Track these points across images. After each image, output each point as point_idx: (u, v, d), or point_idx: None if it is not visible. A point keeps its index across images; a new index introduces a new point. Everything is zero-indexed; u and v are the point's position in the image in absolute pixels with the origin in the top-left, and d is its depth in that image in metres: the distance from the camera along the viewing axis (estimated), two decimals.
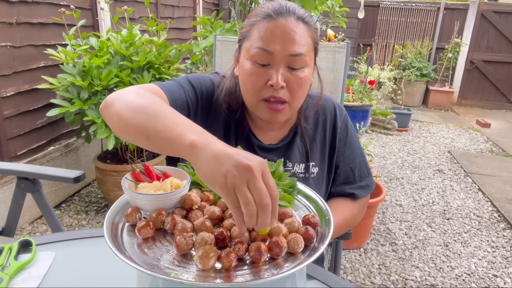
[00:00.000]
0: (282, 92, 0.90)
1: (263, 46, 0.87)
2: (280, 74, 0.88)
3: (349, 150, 1.10)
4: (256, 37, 0.89)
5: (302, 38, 0.88)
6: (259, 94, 0.91)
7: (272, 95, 0.90)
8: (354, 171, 1.10)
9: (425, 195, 3.31)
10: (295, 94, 0.92)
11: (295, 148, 1.05)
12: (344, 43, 1.50)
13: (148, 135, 0.66)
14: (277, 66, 0.88)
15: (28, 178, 1.30)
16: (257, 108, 0.94)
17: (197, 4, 5.43)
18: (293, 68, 0.89)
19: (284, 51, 0.87)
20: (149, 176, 0.78)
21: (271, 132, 1.06)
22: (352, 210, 1.08)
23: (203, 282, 0.55)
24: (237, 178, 0.52)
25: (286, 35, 0.87)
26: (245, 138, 1.04)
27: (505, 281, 2.22)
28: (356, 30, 7.14)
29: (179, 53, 2.71)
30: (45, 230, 2.49)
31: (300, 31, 0.88)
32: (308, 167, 1.05)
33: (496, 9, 6.68)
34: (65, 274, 0.81)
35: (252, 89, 0.91)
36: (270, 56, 0.87)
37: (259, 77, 0.89)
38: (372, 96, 4.17)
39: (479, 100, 7.15)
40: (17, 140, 2.47)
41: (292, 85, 0.90)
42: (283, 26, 0.87)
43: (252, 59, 0.90)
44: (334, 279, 0.82)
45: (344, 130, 1.10)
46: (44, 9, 2.58)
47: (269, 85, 0.88)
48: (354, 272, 2.25)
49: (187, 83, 0.98)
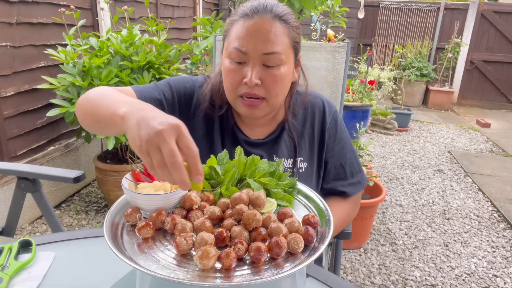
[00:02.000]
0: (258, 89, 0.93)
1: (238, 46, 0.91)
2: (254, 72, 0.91)
3: (339, 146, 1.10)
4: (233, 37, 0.92)
5: (277, 37, 0.90)
6: (236, 91, 0.95)
7: (247, 92, 0.93)
8: (344, 167, 1.11)
9: (425, 195, 3.31)
10: (271, 91, 0.94)
11: (282, 143, 1.07)
12: (344, 43, 1.50)
13: (98, 119, 0.76)
14: (252, 65, 0.91)
15: (28, 178, 1.30)
16: (236, 104, 0.98)
17: (197, 4, 5.43)
18: (268, 66, 0.92)
19: (257, 50, 0.90)
20: (149, 176, 0.78)
21: (258, 127, 1.08)
22: (346, 209, 1.09)
23: (203, 282, 0.55)
24: (149, 142, 0.57)
25: (260, 34, 0.89)
26: (231, 133, 1.06)
27: (505, 281, 2.22)
28: (356, 30, 7.14)
29: (179, 53, 2.71)
30: (45, 230, 2.49)
31: (275, 30, 0.90)
32: (296, 162, 1.07)
33: (496, 9, 6.68)
34: (65, 274, 0.81)
35: (230, 86, 0.95)
36: (245, 55, 0.91)
37: (236, 75, 0.93)
38: (372, 96, 4.17)
39: (479, 100, 7.15)
40: (17, 140, 2.47)
41: (267, 82, 0.92)
42: (257, 25, 0.90)
43: (229, 58, 0.93)
44: (334, 279, 0.82)
45: (334, 126, 1.10)
46: (44, 9, 2.58)
47: (244, 82, 0.92)
48: (354, 272, 2.25)
49: (165, 84, 1.04)
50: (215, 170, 0.80)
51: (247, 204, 0.71)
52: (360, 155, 2.40)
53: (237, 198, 0.70)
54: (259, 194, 0.72)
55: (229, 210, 0.70)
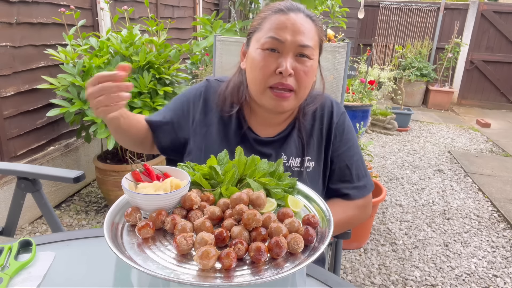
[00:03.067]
0: (290, 79, 0.95)
1: (275, 35, 0.94)
2: (289, 62, 0.93)
3: (345, 147, 1.10)
4: (267, 28, 0.96)
5: (310, 32, 0.96)
6: (267, 81, 0.96)
7: (280, 81, 0.94)
8: (350, 169, 1.10)
9: (425, 195, 3.31)
10: (302, 83, 0.96)
11: (291, 142, 1.07)
12: (344, 43, 1.50)
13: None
14: (286, 55, 0.94)
15: (28, 178, 1.30)
16: (263, 96, 0.98)
17: (197, 4, 5.43)
18: (301, 58, 0.95)
19: (294, 41, 0.93)
20: (149, 176, 0.78)
21: (270, 127, 1.09)
22: (346, 211, 1.07)
23: (203, 282, 0.55)
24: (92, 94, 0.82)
25: (296, 27, 0.94)
26: (241, 132, 1.07)
27: (505, 281, 2.22)
28: (356, 30, 7.14)
29: (179, 53, 2.71)
30: (45, 230, 2.49)
31: (308, 26, 0.96)
32: (304, 161, 1.07)
33: (496, 9, 6.67)
34: (65, 274, 0.81)
35: (261, 75, 0.96)
36: (281, 45, 0.93)
37: (269, 64, 0.94)
38: (372, 96, 4.17)
39: (479, 100, 7.14)
40: (17, 140, 2.47)
41: (299, 73, 0.95)
42: (294, 19, 0.94)
43: (263, 48, 0.95)
44: (334, 279, 0.82)
45: (341, 126, 1.11)
46: (44, 9, 2.58)
47: (278, 72, 0.93)
48: (354, 272, 2.25)
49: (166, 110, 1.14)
50: (215, 170, 0.80)
51: (247, 204, 0.71)
52: None
53: (237, 198, 0.70)
54: (259, 194, 0.72)
55: (229, 210, 0.70)
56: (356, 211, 1.10)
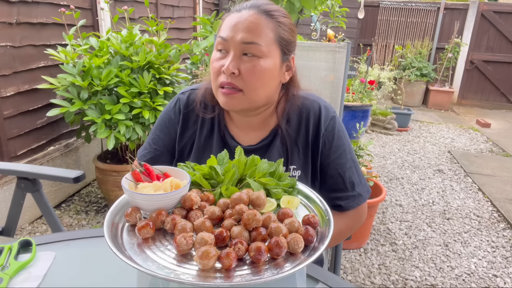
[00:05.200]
0: (235, 79, 0.92)
1: (221, 34, 0.94)
2: (231, 60, 0.91)
3: (336, 154, 1.03)
4: (220, 29, 0.96)
5: (259, 29, 0.91)
6: (217, 81, 0.95)
7: (224, 80, 0.93)
8: (343, 177, 1.03)
9: (425, 195, 3.31)
10: (249, 83, 0.92)
11: (274, 150, 1.03)
12: (344, 43, 1.50)
13: None
14: (231, 53, 0.92)
15: (28, 178, 1.30)
16: (217, 95, 0.98)
17: (197, 4, 5.43)
18: (248, 57, 0.92)
19: (237, 38, 0.91)
20: (149, 176, 0.78)
21: (251, 132, 1.06)
22: (339, 225, 0.99)
23: (203, 282, 0.55)
24: None
25: (242, 25, 0.91)
26: (222, 140, 1.06)
27: (505, 281, 2.22)
28: (356, 30, 7.14)
29: (179, 53, 2.71)
30: (45, 230, 2.49)
31: (258, 22, 0.92)
32: (289, 170, 1.02)
33: (496, 9, 6.67)
34: (65, 274, 0.81)
35: (213, 75, 0.96)
36: (226, 44, 0.93)
37: (217, 64, 0.94)
38: (372, 96, 4.17)
39: (479, 100, 7.14)
40: (17, 140, 2.47)
41: (245, 72, 0.91)
42: (243, 17, 0.92)
43: (216, 48, 0.96)
44: (334, 279, 0.82)
45: (330, 132, 1.03)
46: (44, 9, 2.58)
47: (222, 71, 0.92)
48: (354, 272, 2.25)
49: (150, 140, 1.12)
50: (215, 170, 0.80)
51: (247, 204, 0.71)
52: (360, 155, 2.40)
53: (237, 198, 0.70)
54: (259, 194, 0.72)
55: (229, 210, 0.70)
56: (349, 223, 1.05)
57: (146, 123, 2.42)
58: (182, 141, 1.08)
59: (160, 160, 1.08)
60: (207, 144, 1.06)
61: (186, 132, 1.08)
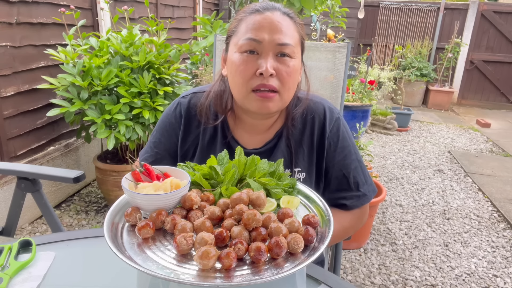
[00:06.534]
0: (272, 80, 0.91)
1: (252, 36, 0.90)
2: (269, 62, 0.89)
3: (341, 155, 1.04)
4: (244, 30, 0.93)
5: (289, 30, 0.92)
6: (249, 84, 0.92)
7: (262, 83, 0.90)
8: (348, 178, 1.04)
9: (425, 195, 3.31)
10: (285, 84, 0.92)
11: (279, 153, 1.03)
12: (344, 43, 1.50)
13: None
14: (266, 55, 0.90)
15: (28, 178, 1.30)
16: (247, 99, 0.94)
17: (197, 4, 5.43)
18: (282, 57, 0.92)
19: (272, 40, 0.90)
20: (149, 176, 0.78)
21: (256, 135, 1.05)
22: (342, 222, 1.02)
23: (203, 282, 0.55)
24: None
25: (273, 26, 0.91)
26: (226, 144, 1.04)
27: (505, 281, 2.22)
28: (356, 30, 7.14)
29: (179, 53, 2.71)
30: (45, 230, 2.49)
31: (286, 24, 0.92)
32: (294, 173, 1.02)
33: (496, 9, 6.67)
34: (65, 274, 0.81)
35: (242, 79, 0.92)
36: (259, 46, 0.90)
37: (249, 67, 0.91)
38: (372, 96, 4.17)
39: (479, 100, 7.14)
40: (17, 140, 2.47)
41: (281, 73, 0.91)
42: (270, 18, 0.91)
43: (241, 50, 0.92)
44: (334, 279, 0.82)
45: (335, 134, 1.04)
46: (44, 9, 2.58)
47: (259, 73, 0.90)
48: (354, 272, 2.25)
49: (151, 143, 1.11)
50: (215, 170, 0.80)
51: (247, 204, 0.71)
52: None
53: (237, 198, 0.70)
54: (259, 194, 0.72)
55: (229, 210, 0.70)
56: (353, 221, 1.06)
57: (146, 123, 2.42)
58: (185, 145, 1.07)
59: (162, 163, 1.07)
60: (210, 148, 1.05)
61: (189, 137, 1.07)
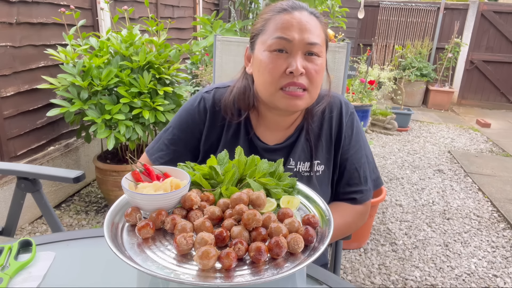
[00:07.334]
0: (302, 78, 0.93)
1: (282, 35, 0.92)
2: (299, 61, 0.91)
3: (354, 149, 1.07)
4: (273, 29, 0.94)
5: (316, 29, 0.95)
6: (278, 83, 0.93)
7: (292, 81, 0.92)
8: (359, 171, 1.07)
9: (425, 195, 3.31)
10: (314, 82, 0.95)
11: (299, 146, 1.05)
12: (344, 43, 1.49)
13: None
14: (295, 54, 0.92)
15: (28, 178, 1.30)
16: (275, 97, 0.95)
17: (197, 4, 5.43)
18: (310, 56, 0.94)
19: (302, 39, 0.91)
20: (149, 176, 0.78)
21: (278, 132, 1.07)
22: (345, 217, 1.05)
23: (203, 282, 0.55)
24: None
25: (302, 25, 0.92)
26: (249, 141, 1.05)
27: (505, 281, 2.22)
28: (356, 30, 7.14)
29: (179, 53, 2.71)
30: (45, 230, 2.49)
31: (313, 23, 0.95)
32: (313, 165, 1.05)
33: (496, 9, 6.68)
34: (65, 274, 0.81)
35: (271, 77, 0.93)
36: (289, 44, 0.92)
37: (278, 65, 0.92)
38: (372, 96, 4.17)
39: (479, 100, 7.15)
40: (17, 140, 2.47)
41: (310, 72, 0.93)
42: (299, 17, 0.93)
43: (270, 49, 0.93)
44: (334, 279, 0.82)
45: (350, 127, 1.08)
46: (44, 9, 2.58)
47: (289, 72, 0.91)
48: (354, 272, 2.25)
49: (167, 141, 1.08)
50: (215, 170, 0.80)
51: (247, 204, 0.71)
52: None
53: (237, 198, 0.70)
54: (259, 194, 0.72)
55: (229, 210, 0.70)
56: (356, 217, 1.07)
57: (146, 123, 2.42)
58: (209, 140, 1.07)
59: (180, 161, 1.05)
60: (233, 144, 1.05)
61: (213, 132, 1.07)
